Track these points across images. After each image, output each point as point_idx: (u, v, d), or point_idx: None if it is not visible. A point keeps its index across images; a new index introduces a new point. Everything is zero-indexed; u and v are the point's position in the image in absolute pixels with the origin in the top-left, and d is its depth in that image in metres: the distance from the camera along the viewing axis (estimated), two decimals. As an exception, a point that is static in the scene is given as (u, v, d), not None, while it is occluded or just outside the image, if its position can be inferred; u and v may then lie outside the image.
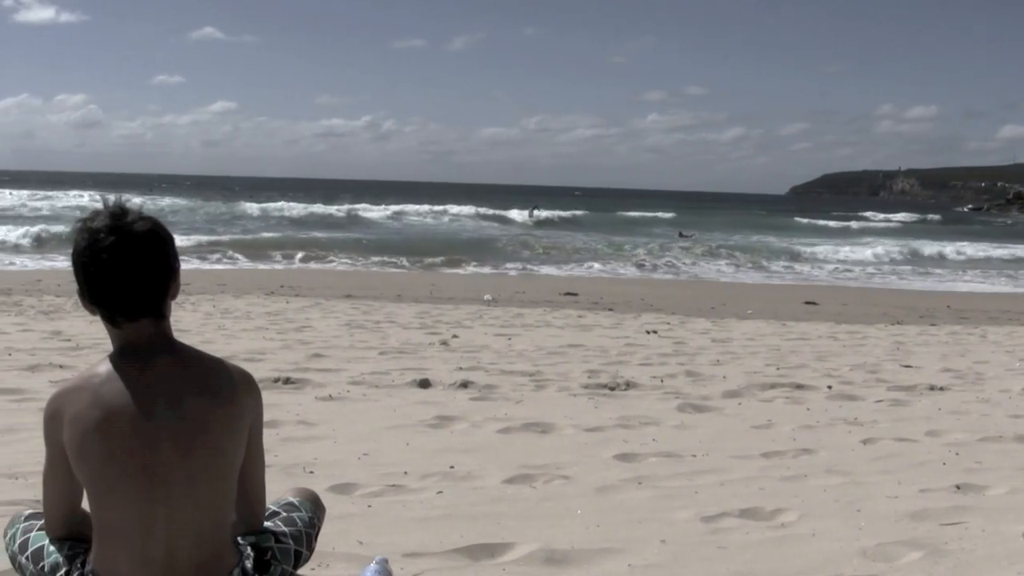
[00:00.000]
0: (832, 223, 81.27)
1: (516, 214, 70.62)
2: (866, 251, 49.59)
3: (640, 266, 39.30)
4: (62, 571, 3.23)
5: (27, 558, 3.35)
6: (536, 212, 72.82)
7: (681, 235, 57.90)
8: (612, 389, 10.22)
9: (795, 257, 45.97)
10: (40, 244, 36.83)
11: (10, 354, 11.28)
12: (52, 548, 3.29)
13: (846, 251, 49.35)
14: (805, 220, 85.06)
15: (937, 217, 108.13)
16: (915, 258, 48.48)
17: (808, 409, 9.52)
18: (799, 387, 10.70)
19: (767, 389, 10.53)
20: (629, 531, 5.48)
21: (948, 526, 5.77)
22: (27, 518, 3.50)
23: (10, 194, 78.27)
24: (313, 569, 4.62)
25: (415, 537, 5.23)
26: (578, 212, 76.62)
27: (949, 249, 51.93)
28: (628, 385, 10.41)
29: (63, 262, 29.00)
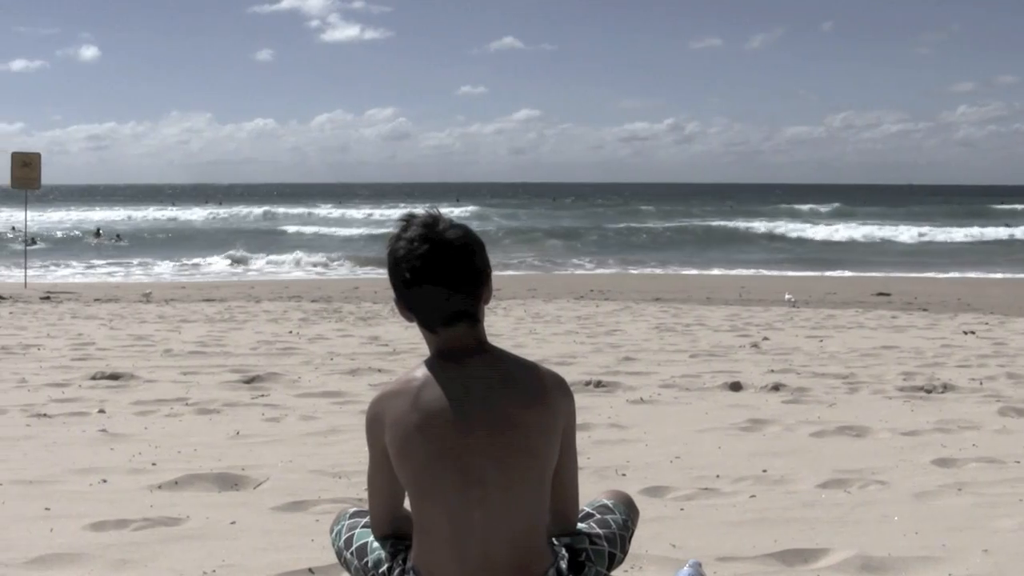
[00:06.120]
0: None
1: None
2: None
3: None
4: (384, 567, 3.35)
5: (352, 553, 3.49)
6: None
7: None
8: (928, 392, 9.93)
9: None
10: (357, 253, 38.43)
11: (332, 358, 11.88)
12: (376, 545, 3.42)
13: None
14: None
15: None
16: None
17: None
18: None
19: (1098, 392, 10.00)
20: (949, 539, 5.32)
21: None
22: (351, 515, 3.64)
23: (329, 211, 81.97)
24: (626, 571, 4.69)
25: (728, 541, 5.25)
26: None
27: None
28: (945, 388, 10.09)
29: (379, 271, 30.22)
